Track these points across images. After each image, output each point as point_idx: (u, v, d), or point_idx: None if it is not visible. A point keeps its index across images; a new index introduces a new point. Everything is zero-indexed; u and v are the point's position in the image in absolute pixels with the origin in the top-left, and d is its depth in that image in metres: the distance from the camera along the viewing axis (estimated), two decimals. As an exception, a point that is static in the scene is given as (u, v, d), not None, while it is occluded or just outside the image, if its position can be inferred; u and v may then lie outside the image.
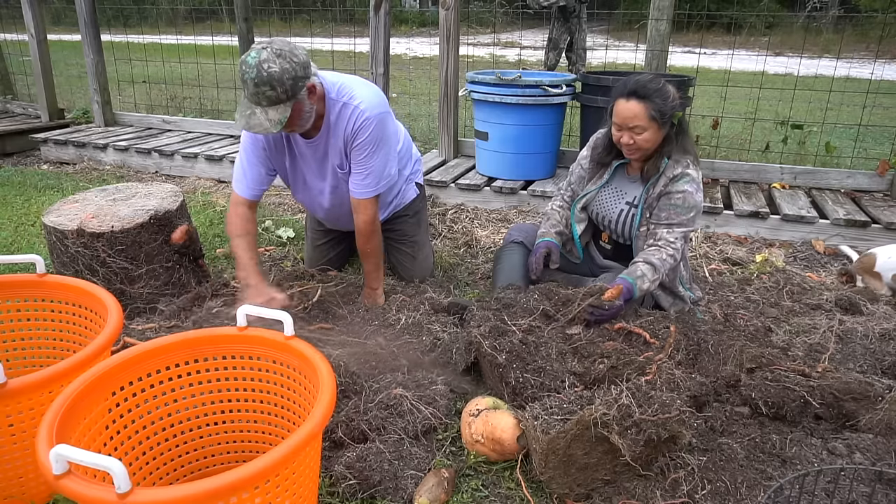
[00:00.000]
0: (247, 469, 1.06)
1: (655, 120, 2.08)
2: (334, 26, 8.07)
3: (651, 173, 2.20)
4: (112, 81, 5.55)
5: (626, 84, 2.11)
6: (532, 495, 1.59)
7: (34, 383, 1.36)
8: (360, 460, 1.59)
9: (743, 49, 10.73)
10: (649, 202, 2.22)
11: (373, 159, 2.25)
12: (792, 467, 1.63)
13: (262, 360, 1.52)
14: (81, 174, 4.56)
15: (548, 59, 5.24)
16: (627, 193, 2.29)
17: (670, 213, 2.18)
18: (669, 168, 2.17)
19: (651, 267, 2.12)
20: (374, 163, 2.26)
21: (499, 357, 1.87)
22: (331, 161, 2.32)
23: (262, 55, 1.94)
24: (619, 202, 2.30)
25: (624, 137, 2.13)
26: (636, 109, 2.07)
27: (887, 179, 3.73)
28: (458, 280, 2.86)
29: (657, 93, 2.07)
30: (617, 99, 2.12)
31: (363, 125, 2.18)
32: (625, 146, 2.16)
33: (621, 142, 2.15)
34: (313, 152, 2.32)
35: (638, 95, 2.07)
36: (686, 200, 2.16)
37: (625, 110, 2.09)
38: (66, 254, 2.31)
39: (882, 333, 2.21)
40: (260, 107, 1.98)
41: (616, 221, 2.31)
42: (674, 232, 2.17)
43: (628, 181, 2.31)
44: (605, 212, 2.33)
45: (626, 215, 2.28)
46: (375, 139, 2.22)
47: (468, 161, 4.34)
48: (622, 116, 2.10)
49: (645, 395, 1.55)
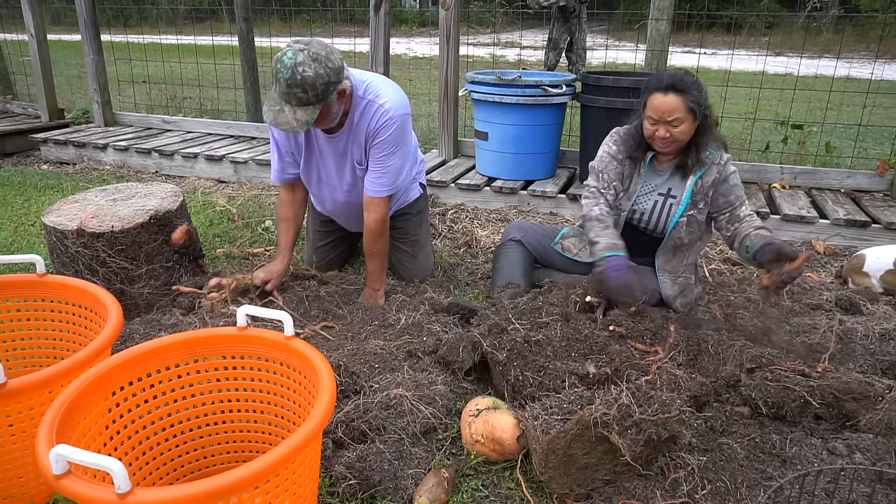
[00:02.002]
0: (247, 469, 1.06)
1: (692, 112, 2.12)
2: (334, 26, 8.07)
3: (695, 166, 2.24)
4: (112, 81, 5.55)
5: (660, 79, 2.14)
6: (532, 495, 1.59)
7: (34, 383, 1.36)
8: (360, 460, 1.58)
9: (743, 49, 10.73)
10: (702, 192, 2.26)
11: (391, 159, 2.28)
12: (792, 467, 1.63)
13: (262, 360, 1.52)
14: (81, 174, 4.56)
15: (548, 59, 5.24)
16: (659, 185, 2.32)
17: (736, 193, 2.27)
18: (715, 156, 2.25)
19: (765, 230, 2.19)
20: (393, 162, 2.29)
21: (499, 355, 1.87)
22: (350, 157, 2.35)
23: (298, 57, 1.96)
24: (652, 194, 2.33)
25: (660, 131, 2.15)
26: (674, 103, 2.10)
27: (887, 179, 3.73)
28: (458, 280, 2.86)
29: (694, 85, 2.11)
30: (653, 94, 2.14)
31: (386, 123, 2.22)
32: (659, 139, 2.18)
33: (656, 135, 2.17)
34: (333, 148, 2.35)
35: (675, 89, 2.10)
36: (738, 179, 2.28)
37: (663, 104, 2.11)
38: (66, 254, 2.31)
39: (882, 333, 2.20)
40: (289, 105, 2.02)
41: (651, 213, 2.33)
42: (747, 207, 2.28)
43: (656, 173, 2.34)
44: (638, 206, 2.35)
45: (662, 206, 2.31)
46: (396, 139, 2.26)
47: (468, 161, 4.34)
48: (661, 110, 2.12)
49: (645, 395, 1.55)
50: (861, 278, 2.72)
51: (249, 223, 3.49)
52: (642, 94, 2.20)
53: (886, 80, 7.88)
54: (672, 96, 2.10)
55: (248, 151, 4.56)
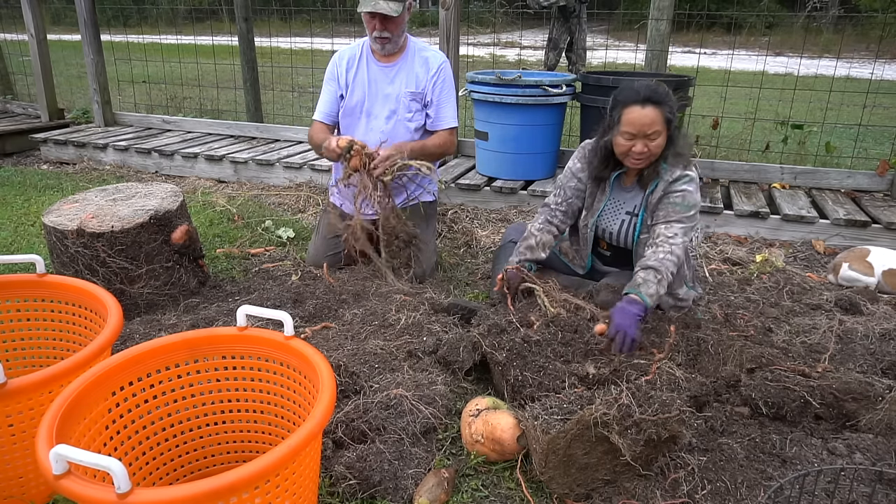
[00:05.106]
0: (247, 469, 1.06)
1: (668, 123, 2.03)
2: (334, 26, 8.06)
3: (650, 179, 2.15)
4: (112, 81, 5.55)
5: (636, 91, 2.02)
6: (532, 495, 1.59)
7: (34, 383, 1.36)
8: (360, 460, 1.58)
9: (743, 49, 10.73)
10: (651, 208, 2.17)
11: (451, 97, 2.80)
12: (792, 467, 1.63)
13: (262, 360, 1.52)
14: (81, 174, 4.56)
15: (548, 59, 5.25)
16: (626, 203, 2.25)
17: (668, 210, 2.12)
18: (667, 172, 2.13)
19: (650, 270, 2.03)
20: (453, 101, 2.81)
21: (498, 355, 1.87)
22: (400, 87, 2.75)
23: None
24: (620, 213, 2.26)
25: (638, 146, 2.03)
26: (653, 116, 1.99)
27: (887, 179, 3.73)
28: (458, 280, 2.86)
29: (668, 96, 2.03)
30: (629, 107, 2.02)
31: (445, 67, 2.79)
32: (636, 154, 2.06)
33: (633, 150, 2.05)
34: (385, 75, 2.76)
35: (653, 101, 1.99)
36: (685, 199, 2.11)
37: (642, 118, 2.00)
38: (66, 254, 2.31)
39: (882, 333, 2.20)
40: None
41: (618, 233, 2.27)
42: (672, 227, 2.10)
43: (623, 191, 2.26)
44: (606, 224, 2.29)
45: (628, 225, 2.25)
46: (451, 82, 2.81)
47: (468, 161, 4.34)
48: (639, 124, 2.00)
49: (645, 395, 1.54)
50: (862, 266, 2.72)
51: (249, 223, 3.49)
52: (613, 107, 2.08)
53: (886, 80, 7.88)
54: (650, 109, 1.99)
55: (248, 151, 4.56)
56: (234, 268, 2.92)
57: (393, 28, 2.62)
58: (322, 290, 2.52)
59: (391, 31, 2.63)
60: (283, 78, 7.54)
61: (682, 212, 2.11)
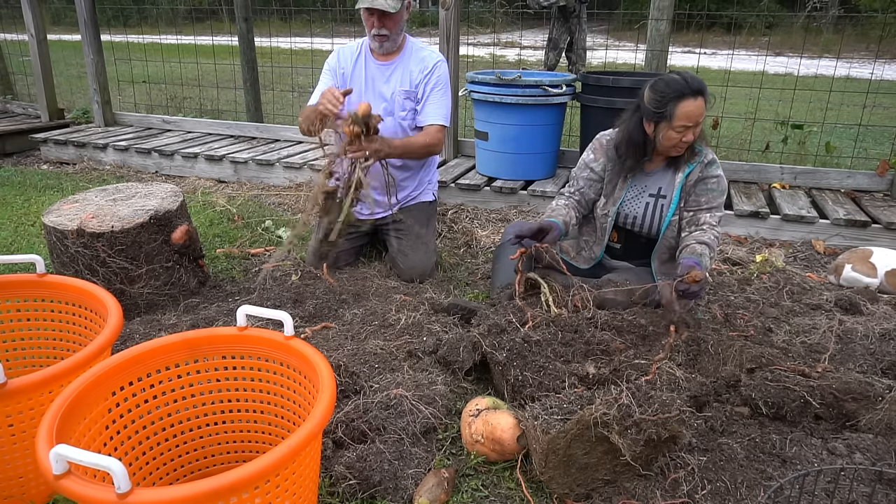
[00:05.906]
0: (247, 469, 1.06)
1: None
2: (334, 26, 8.07)
3: (687, 160, 2.23)
4: (112, 81, 5.55)
5: (686, 84, 2.08)
6: (532, 495, 1.59)
7: (34, 383, 1.36)
8: (360, 460, 1.58)
9: (743, 49, 10.73)
10: (687, 189, 2.25)
11: (444, 96, 2.77)
12: (792, 467, 1.63)
13: (262, 360, 1.52)
14: (81, 174, 4.56)
15: (548, 59, 5.24)
16: (649, 186, 2.31)
17: (709, 197, 2.24)
18: (704, 154, 2.23)
19: (706, 246, 2.14)
20: (445, 100, 2.78)
21: (498, 355, 1.87)
22: (396, 84, 2.75)
23: None
24: (643, 196, 2.31)
25: (688, 136, 2.13)
26: (703, 105, 2.09)
27: (887, 179, 3.73)
28: (458, 280, 2.86)
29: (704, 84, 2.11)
30: (683, 100, 2.07)
31: (438, 65, 2.77)
32: (684, 144, 2.15)
33: (683, 140, 2.14)
34: (381, 73, 2.77)
35: (702, 92, 2.08)
36: (720, 184, 2.24)
37: (697, 109, 2.08)
38: (66, 254, 2.31)
39: (882, 333, 2.20)
40: None
41: (643, 216, 2.31)
42: (715, 216, 2.23)
43: (645, 175, 2.32)
44: (629, 210, 2.33)
45: (654, 207, 2.29)
46: (445, 82, 2.78)
47: (468, 161, 4.34)
48: (694, 116, 2.08)
49: (645, 395, 1.54)
50: (865, 267, 2.72)
51: (249, 223, 3.49)
52: (662, 102, 2.10)
53: (886, 80, 7.88)
54: (701, 100, 2.09)
55: (248, 151, 4.56)
56: (234, 268, 2.92)
57: (391, 25, 2.63)
58: (322, 290, 2.52)
59: (389, 29, 2.64)
60: (283, 78, 7.54)
61: (719, 197, 2.25)
